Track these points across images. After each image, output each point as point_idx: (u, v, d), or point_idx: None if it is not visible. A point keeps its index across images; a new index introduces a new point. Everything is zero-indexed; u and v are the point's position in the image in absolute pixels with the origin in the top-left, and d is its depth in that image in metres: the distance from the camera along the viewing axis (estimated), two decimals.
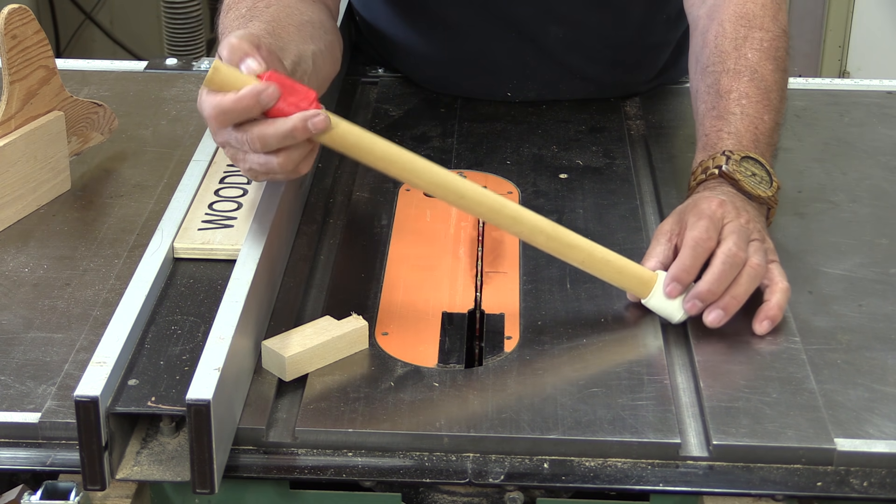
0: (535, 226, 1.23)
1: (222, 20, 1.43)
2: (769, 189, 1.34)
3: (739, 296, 1.23)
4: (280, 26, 1.37)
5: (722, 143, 1.36)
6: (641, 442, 1.09)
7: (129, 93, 1.74)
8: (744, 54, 1.42)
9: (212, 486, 1.04)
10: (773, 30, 1.44)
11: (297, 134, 1.17)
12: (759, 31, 1.43)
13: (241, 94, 1.16)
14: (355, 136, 1.20)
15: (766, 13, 1.45)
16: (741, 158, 1.33)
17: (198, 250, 1.27)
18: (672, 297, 1.23)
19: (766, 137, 1.38)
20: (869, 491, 1.07)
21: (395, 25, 1.74)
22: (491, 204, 1.22)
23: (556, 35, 1.67)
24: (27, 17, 1.41)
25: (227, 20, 1.41)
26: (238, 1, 1.43)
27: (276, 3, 1.42)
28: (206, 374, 1.04)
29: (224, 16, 1.43)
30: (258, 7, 1.41)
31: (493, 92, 1.72)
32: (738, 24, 1.44)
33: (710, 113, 1.39)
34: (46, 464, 1.09)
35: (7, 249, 1.37)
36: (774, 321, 1.23)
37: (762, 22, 1.44)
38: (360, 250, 1.37)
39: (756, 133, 1.37)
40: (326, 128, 1.17)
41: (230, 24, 1.40)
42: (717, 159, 1.34)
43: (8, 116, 1.40)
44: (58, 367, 1.17)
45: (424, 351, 1.20)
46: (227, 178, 1.38)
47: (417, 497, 1.12)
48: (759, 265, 1.24)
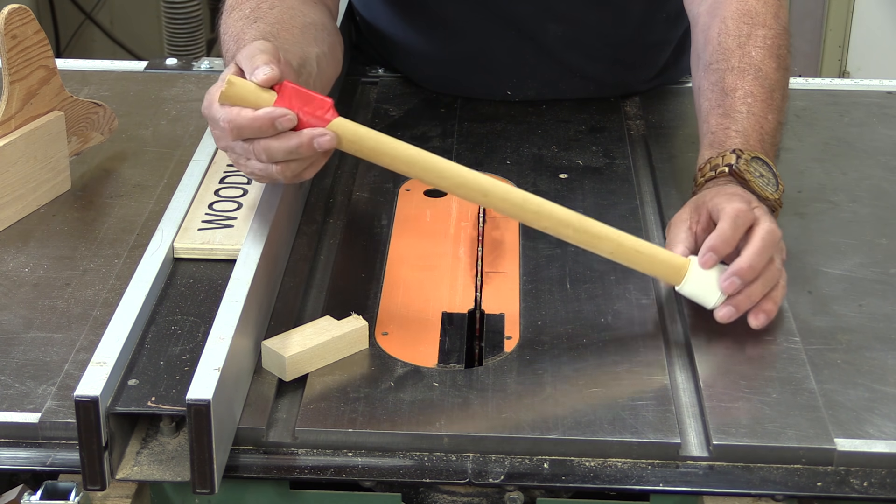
0: (562, 219, 1.22)
1: (225, 20, 1.43)
2: (776, 192, 1.34)
3: (754, 295, 1.22)
4: (284, 28, 1.37)
5: (730, 140, 1.35)
6: (641, 442, 1.09)
7: (129, 93, 1.74)
8: (748, 52, 1.41)
9: (212, 486, 1.04)
10: (776, 27, 1.44)
11: (303, 151, 1.18)
12: (762, 29, 1.43)
13: (259, 115, 1.17)
14: (372, 140, 1.20)
15: (768, 10, 1.45)
16: (751, 158, 1.33)
17: (198, 250, 1.28)
18: (707, 267, 1.22)
19: (771, 137, 1.37)
20: (869, 491, 1.07)
21: (395, 24, 1.74)
22: (514, 199, 1.22)
23: (556, 33, 1.67)
24: (27, 17, 1.41)
25: (231, 20, 1.41)
26: (241, 1, 1.43)
27: (279, 4, 1.42)
28: (206, 374, 1.04)
29: (227, 16, 1.43)
30: (262, 8, 1.41)
31: (492, 91, 1.72)
32: (741, 21, 1.44)
33: (716, 110, 1.39)
34: (46, 464, 1.09)
35: (7, 249, 1.37)
36: (769, 315, 1.22)
37: (765, 19, 1.44)
38: (360, 250, 1.37)
39: (762, 133, 1.36)
40: (332, 147, 1.18)
41: (233, 24, 1.40)
42: (726, 157, 1.33)
43: (8, 116, 1.40)
44: (58, 367, 1.17)
45: (424, 351, 1.20)
46: (227, 178, 1.39)
47: (417, 497, 1.12)
48: (779, 269, 1.24)
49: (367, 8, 1.79)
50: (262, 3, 1.42)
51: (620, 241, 1.23)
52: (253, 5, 1.42)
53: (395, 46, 1.77)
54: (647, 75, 1.75)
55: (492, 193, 1.21)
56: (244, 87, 1.18)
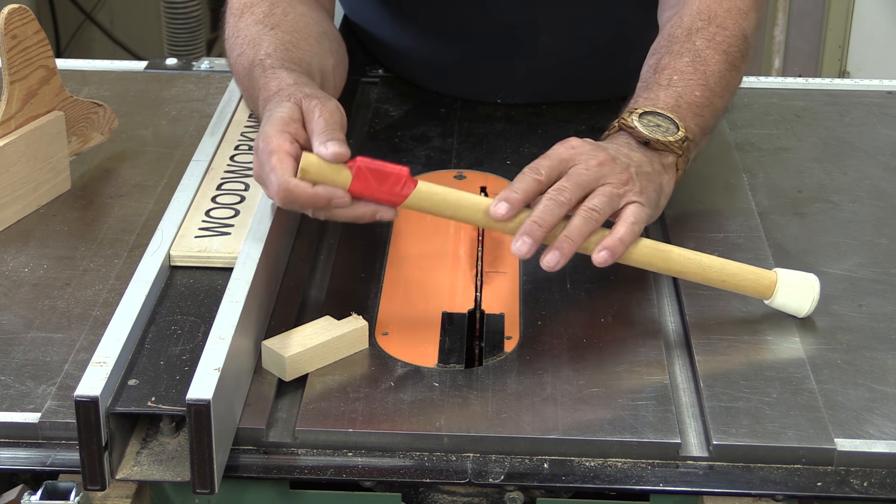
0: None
1: (234, 24, 1.42)
2: (671, 135, 1.29)
3: (574, 236, 1.18)
4: (302, 38, 1.37)
5: (637, 105, 1.32)
6: (641, 442, 1.09)
7: (129, 93, 1.74)
8: (692, 41, 1.38)
9: (212, 486, 1.04)
10: (732, 29, 1.41)
11: (362, 220, 1.18)
12: (716, 28, 1.40)
13: (319, 194, 1.15)
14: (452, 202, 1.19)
15: (728, 16, 1.42)
16: (643, 112, 1.30)
17: (195, 258, 1.27)
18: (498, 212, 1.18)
19: (692, 108, 1.33)
20: (869, 491, 1.07)
21: (385, 29, 1.73)
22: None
23: (546, 42, 1.66)
24: (27, 17, 1.41)
25: (243, 24, 1.40)
26: (250, 5, 1.43)
27: (291, 11, 1.42)
28: (206, 374, 1.04)
29: (236, 20, 1.42)
30: (275, 14, 1.40)
31: (483, 96, 1.71)
32: (696, 18, 1.41)
33: (640, 87, 1.36)
34: (46, 464, 1.09)
35: (7, 249, 1.37)
36: (612, 252, 1.18)
37: (723, 21, 1.41)
38: (360, 250, 1.37)
39: (678, 101, 1.32)
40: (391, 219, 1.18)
41: (247, 29, 1.39)
42: (623, 119, 1.31)
43: (8, 116, 1.40)
44: (58, 367, 1.17)
45: (424, 351, 1.20)
46: (225, 185, 1.38)
47: (417, 497, 1.12)
48: (596, 208, 1.19)
49: (354, 12, 1.78)
50: (275, 7, 1.41)
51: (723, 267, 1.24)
52: (265, 10, 1.40)
53: (385, 51, 1.76)
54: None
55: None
56: (321, 171, 1.15)
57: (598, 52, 1.68)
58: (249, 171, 1.40)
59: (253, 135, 1.48)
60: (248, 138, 1.48)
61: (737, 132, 1.63)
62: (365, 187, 1.16)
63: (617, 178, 1.22)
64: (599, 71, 1.70)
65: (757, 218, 1.43)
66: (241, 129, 1.50)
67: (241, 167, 1.41)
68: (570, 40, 1.66)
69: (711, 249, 1.36)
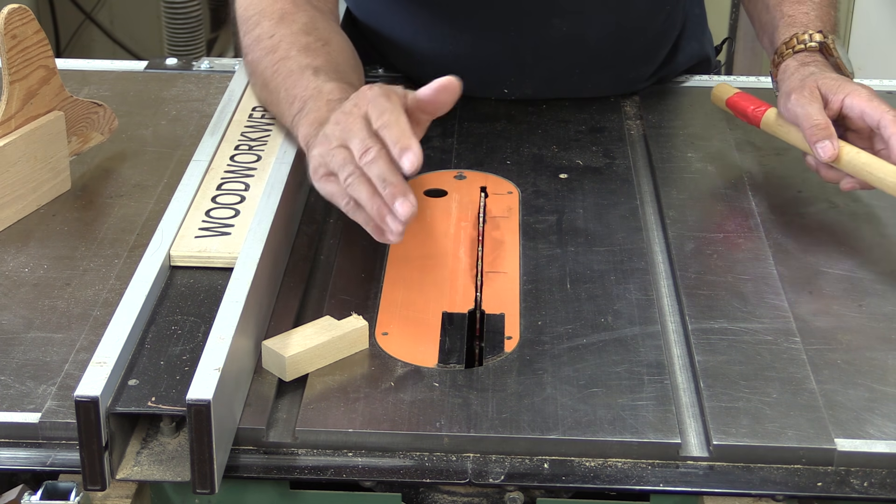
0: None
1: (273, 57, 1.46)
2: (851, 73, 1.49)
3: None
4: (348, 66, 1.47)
5: (811, 22, 1.52)
6: (641, 442, 1.09)
7: (129, 93, 1.74)
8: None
9: (212, 486, 1.04)
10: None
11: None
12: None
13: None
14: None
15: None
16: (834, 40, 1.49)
17: (195, 258, 1.27)
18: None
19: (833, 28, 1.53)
20: (869, 491, 1.07)
21: (393, 20, 1.73)
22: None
23: (559, 29, 1.66)
24: (27, 17, 1.41)
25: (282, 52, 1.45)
26: (283, 38, 1.47)
27: (325, 37, 1.48)
28: (207, 374, 1.04)
29: (270, 55, 1.47)
30: (314, 46, 1.46)
31: (489, 89, 1.71)
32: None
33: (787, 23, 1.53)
34: (46, 464, 1.09)
35: (7, 249, 1.37)
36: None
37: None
38: (360, 250, 1.37)
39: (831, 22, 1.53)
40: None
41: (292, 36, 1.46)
42: (813, 35, 1.49)
43: (8, 116, 1.41)
44: (58, 367, 1.17)
45: (424, 351, 1.20)
46: (225, 185, 1.38)
47: (417, 497, 1.12)
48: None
49: (360, 7, 1.78)
50: (308, 36, 1.47)
51: None
52: (304, 42, 1.46)
53: (391, 43, 1.76)
54: (646, 71, 1.75)
55: None
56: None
57: (608, 38, 1.68)
58: (249, 171, 1.40)
59: (253, 135, 1.48)
60: (248, 138, 1.48)
61: (737, 132, 1.63)
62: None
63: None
64: (607, 59, 1.70)
65: (757, 218, 1.43)
66: (241, 129, 1.50)
67: (241, 167, 1.41)
68: (584, 24, 1.66)
69: (711, 250, 1.36)
